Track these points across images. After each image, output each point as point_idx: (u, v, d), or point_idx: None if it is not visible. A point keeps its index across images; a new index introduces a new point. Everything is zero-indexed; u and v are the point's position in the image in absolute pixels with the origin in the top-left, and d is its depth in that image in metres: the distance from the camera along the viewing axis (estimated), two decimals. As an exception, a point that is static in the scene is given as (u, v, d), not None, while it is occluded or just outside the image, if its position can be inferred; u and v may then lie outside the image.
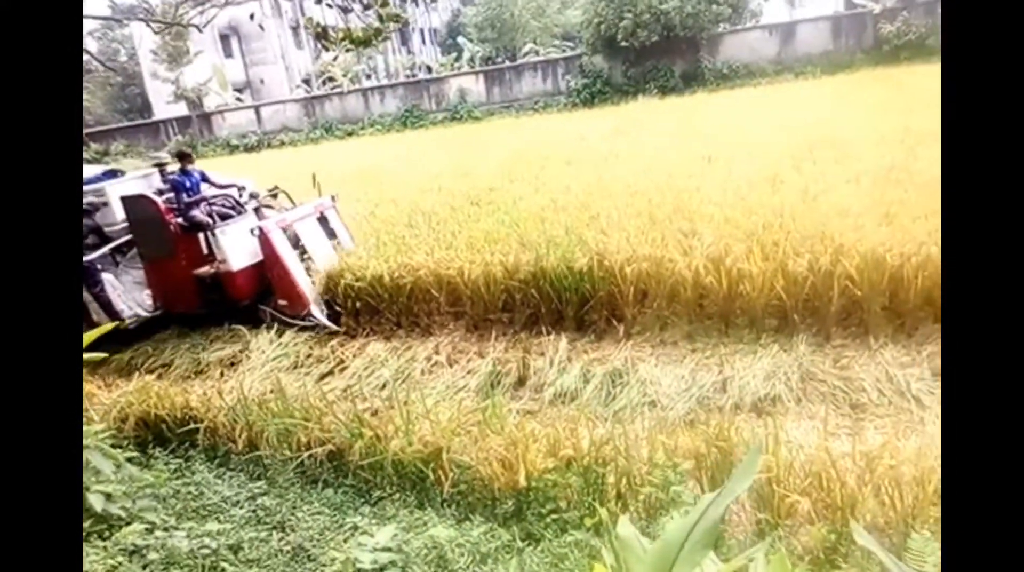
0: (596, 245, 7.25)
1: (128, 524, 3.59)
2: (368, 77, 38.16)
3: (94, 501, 3.46)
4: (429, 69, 37.43)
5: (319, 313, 7.65)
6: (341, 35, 7.26)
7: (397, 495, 4.08)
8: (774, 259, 6.11)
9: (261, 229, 7.58)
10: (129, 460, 4.38)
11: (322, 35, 7.29)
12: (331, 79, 34.37)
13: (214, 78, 32.43)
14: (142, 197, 7.87)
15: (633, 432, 4.35)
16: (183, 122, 32.67)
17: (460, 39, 39.46)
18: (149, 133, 33.23)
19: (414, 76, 34.74)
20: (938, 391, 4.96)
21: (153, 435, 5.38)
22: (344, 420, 4.59)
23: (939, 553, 2.23)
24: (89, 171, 8.62)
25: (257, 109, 32.06)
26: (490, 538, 3.51)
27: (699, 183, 9.05)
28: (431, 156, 17.40)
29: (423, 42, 49.16)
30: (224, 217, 8.14)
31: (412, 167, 15.96)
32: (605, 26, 24.89)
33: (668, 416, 5.23)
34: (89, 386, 6.45)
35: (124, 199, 7.92)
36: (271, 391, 5.82)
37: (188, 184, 7.97)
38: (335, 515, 3.97)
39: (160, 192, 8.21)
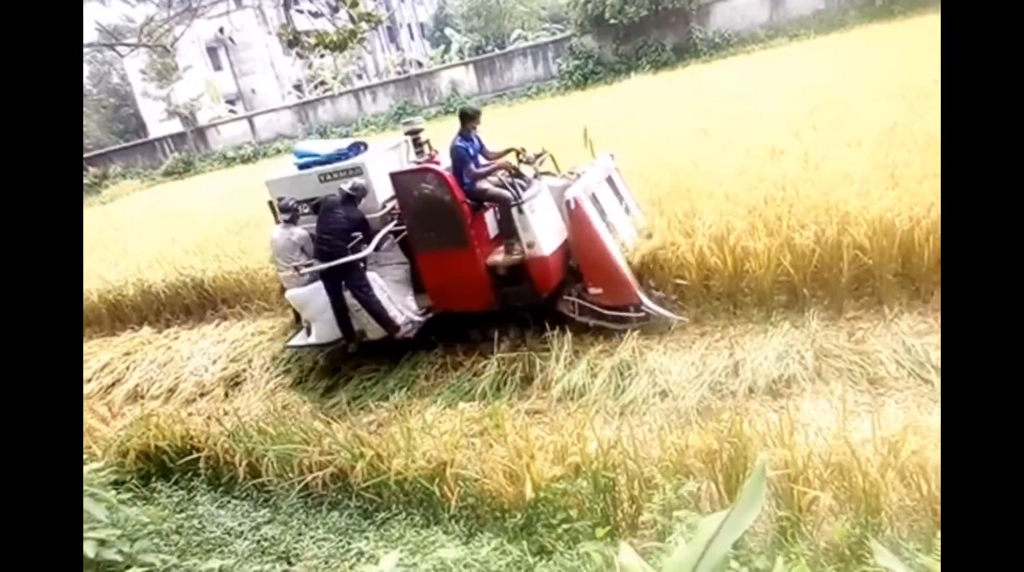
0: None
1: (126, 569, 3.47)
2: (359, 77, 37.92)
3: (87, 549, 3.33)
4: (419, 64, 37.09)
5: (651, 302, 6.12)
6: (315, 40, 7.07)
7: (403, 515, 3.94)
8: (778, 234, 5.91)
9: (575, 201, 6.02)
10: (131, 496, 4.28)
11: (294, 42, 7.12)
12: (322, 83, 34.16)
13: (205, 92, 32.30)
14: (427, 171, 6.15)
15: (642, 432, 4.18)
16: (178, 139, 32.57)
17: (448, 31, 39.10)
18: (146, 152, 33.16)
19: (405, 72, 34.42)
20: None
21: (156, 467, 5.28)
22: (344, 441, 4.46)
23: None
24: (330, 146, 6.90)
25: (250, 119, 31.90)
26: (500, 555, 3.37)
27: (697, 158, 8.82)
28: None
29: (411, 37, 48.79)
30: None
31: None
32: (592, 4, 24.47)
33: (679, 406, 5.06)
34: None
35: (397, 177, 6.31)
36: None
37: (472, 152, 6.40)
38: (340, 540, 3.84)
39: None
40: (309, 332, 6.89)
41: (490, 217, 6.62)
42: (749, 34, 24.05)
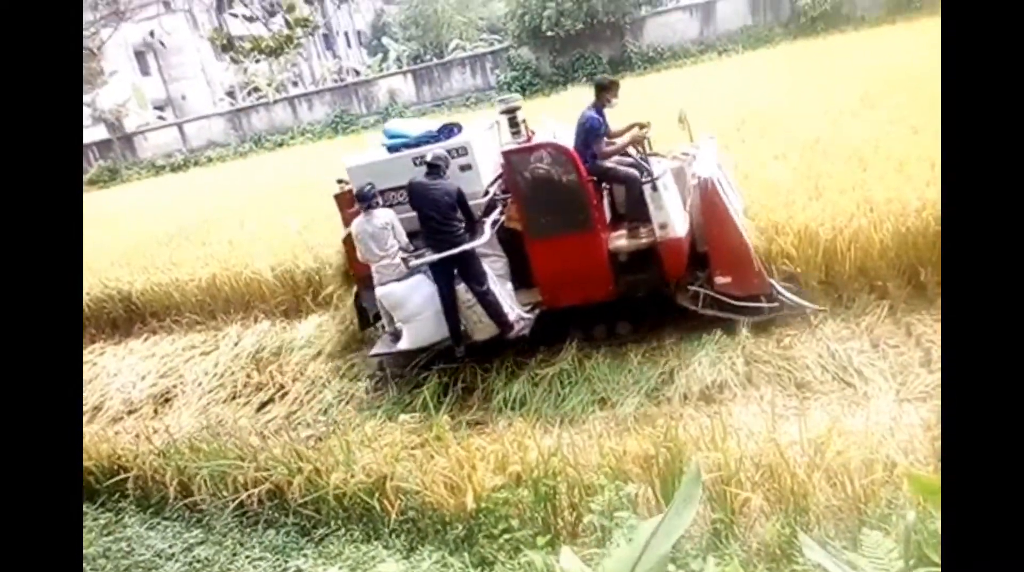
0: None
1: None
2: (295, 84, 37.21)
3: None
4: (357, 72, 36.70)
5: (786, 291, 5.64)
6: (250, 45, 6.91)
7: (342, 530, 3.88)
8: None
9: (710, 181, 5.52)
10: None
11: (228, 47, 6.94)
12: (256, 89, 33.36)
13: (132, 97, 31.09)
14: (548, 148, 5.56)
15: (581, 439, 4.24)
16: (104, 145, 31.25)
17: (385, 39, 38.82)
18: (67, 160, 31.65)
19: (342, 80, 33.97)
20: (879, 363, 5.01)
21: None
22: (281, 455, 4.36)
23: (892, 550, 2.16)
24: (418, 126, 6.33)
25: (180, 126, 30.88)
26: (441, 568, 3.36)
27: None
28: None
29: (348, 45, 48.23)
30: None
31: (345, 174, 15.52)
32: (529, 17, 24.78)
33: (618, 413, 5.15)
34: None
35: (511, 155, 5.62)
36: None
37: (606, 127, 5.85)
38: (277, 559, 3.76)
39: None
40: (395, 337, 6.04)
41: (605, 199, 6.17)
42: (681, 49, 24.81)
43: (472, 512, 3.58)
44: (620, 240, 5.80)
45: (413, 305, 5.79)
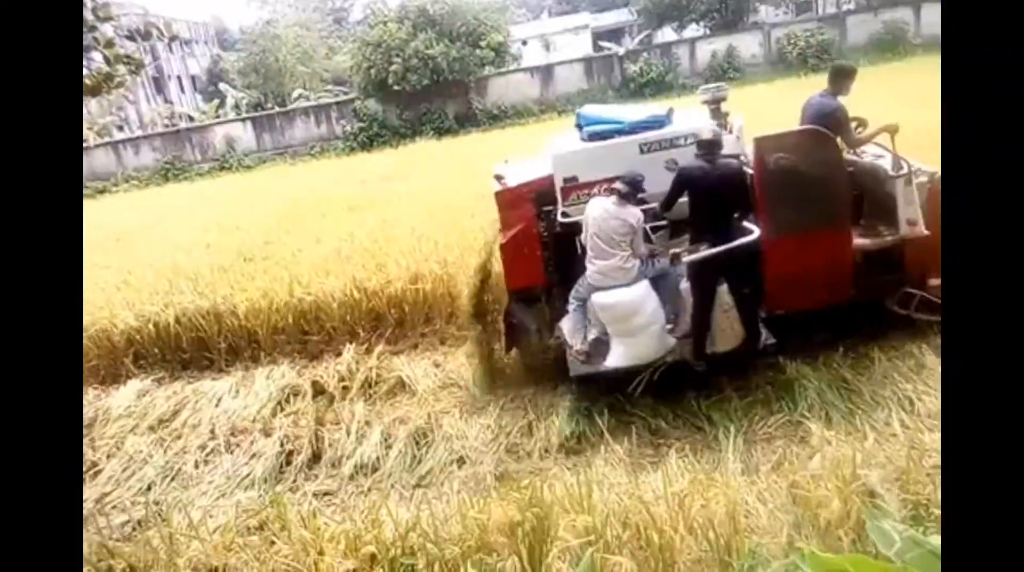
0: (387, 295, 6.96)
1: None
2: (120, 129, 34.34)
3: None
4: (191, 118, 34.57)
5: None
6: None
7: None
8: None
9: (933, 178, 5.12)
10: None
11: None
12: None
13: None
14: (808, 133, 4.99)
15: (441, 507, 3.95)
16: None
17: (222, 85, 37.08)
18: None
19: (174, 126, 31.83)
20: (725, 405, 5.18)
21: None
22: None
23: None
24: (632, 112, 5.59)
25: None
26: None
27: (482, 222, 9.02)
28: (198, 210, 15.84)
29: (181, 90, 45.58)
30: None
31: (175, 224, 14.36)
32: (375, 71, 24.77)
33: (477, 472, 4.92)
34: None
35: (764, 142, 4.88)
36: None
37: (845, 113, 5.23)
38: None
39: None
40: (600, 354, 5.24)
41: None
42: (524, 107, 25.88)
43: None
44: (863, 238, 5.35)
45: (646, 315, 5.02)
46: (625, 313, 4.99)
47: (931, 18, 25.57)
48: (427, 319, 7.20)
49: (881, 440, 4.13)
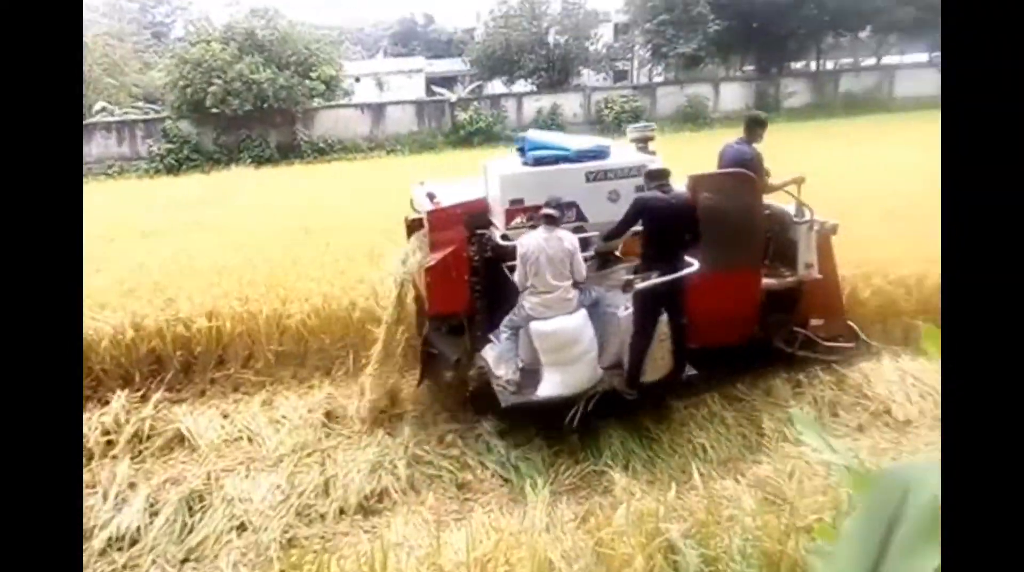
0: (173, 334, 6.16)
1: None
2: None
3: None
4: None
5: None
6: None
7: None
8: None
9: (832, 226, 5.82)
10: None
11: None
12: None
13: None
14: (734, 175, 5.36)
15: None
16: None
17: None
18: None
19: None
20: (534, 456, 5.06)
21: None
22: None
23: None
24: (572, 141, 5.40)
25: None
26: None
27: (296, 256, 8.44)
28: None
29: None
30: None
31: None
32: (192, 90, 23.06)
33: (260, 540, 4.33)
34: None
35: (700, 180, 5.23)
36: None
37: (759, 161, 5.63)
38: None
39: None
40: (531, 384, 4.97)
41: None
42: (352, 143, 25.33)
43: None
44: (770, 278, 5.69)
45: (583, 344, 4.90)
46: (565, 341, 4.89)
47: (729, 95, 28.83)
48: (220, 362, 6.46)
49: (681, 489, 4.19)
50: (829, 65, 34.89)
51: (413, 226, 5.85)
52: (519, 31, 29.33)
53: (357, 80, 35.57)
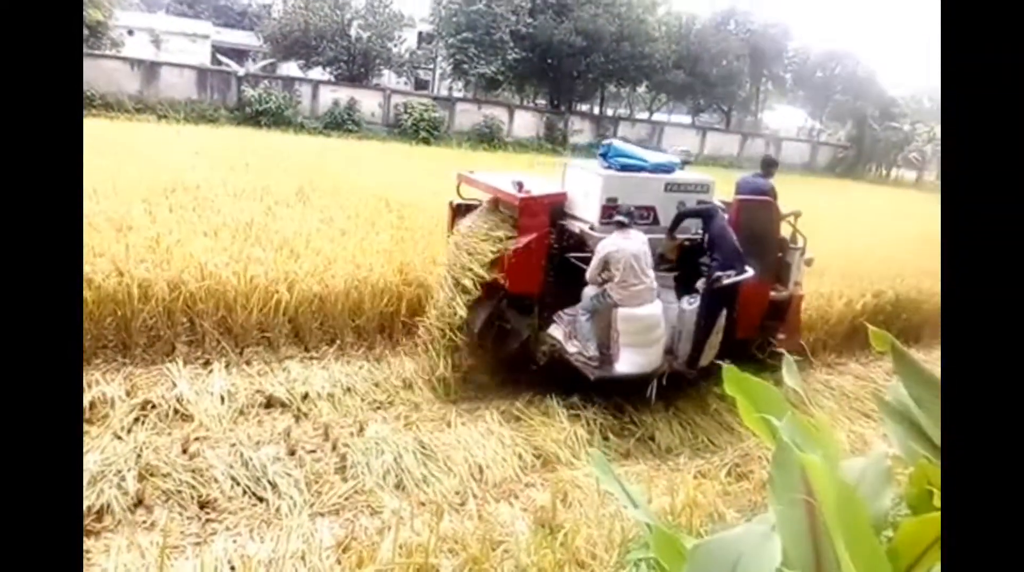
0: None
1: None
2: None
3: None
4: None
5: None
6: None
7: None
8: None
9: (809, 259, 6.88)
10: None
11: None
12: None
13: None
14: (768, 204, 6.41)
15: None
16: None
17: None
18: None
19: None
20: (296, 472, 4.54)
21: None
22: None
23: None
24: (651, 155, 6.22)
25: None
26: None
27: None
28: None
29: None
30: None
31: None
32: None
33: None
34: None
35: (745, 203, 6.29)
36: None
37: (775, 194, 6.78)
38: None
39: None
40: (608, 361, 5.60)
41: None
42: (116, 100, 22.21)
43: None
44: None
45: (660, 329, 5.55)
46: (649, 325, 5.49)
47: (522, 122, 30.07)
48: None
49: (453, 514, 3.97)
50: (609, 111, 38.14)
51: (458, 211, 6.35)
52: (319, 16, 28.03)
53: (130, 33, 31.60)
